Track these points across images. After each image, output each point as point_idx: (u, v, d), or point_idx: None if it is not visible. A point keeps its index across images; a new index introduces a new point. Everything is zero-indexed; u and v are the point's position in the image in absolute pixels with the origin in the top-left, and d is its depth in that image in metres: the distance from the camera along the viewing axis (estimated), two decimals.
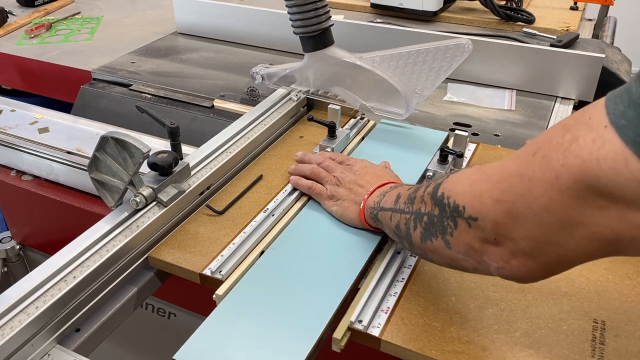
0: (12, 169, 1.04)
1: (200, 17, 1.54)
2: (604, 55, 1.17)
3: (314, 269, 0.71)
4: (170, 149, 0.81)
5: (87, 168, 0.77)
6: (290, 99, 1.07)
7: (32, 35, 1.57)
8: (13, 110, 1.13)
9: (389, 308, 0.65)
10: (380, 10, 1.71)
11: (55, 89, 1.44)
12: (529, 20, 1.57)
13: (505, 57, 1.23)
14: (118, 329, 0.72)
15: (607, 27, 1.67)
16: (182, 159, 0.82)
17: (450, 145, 0.91)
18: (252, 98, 1.18)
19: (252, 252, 0.74)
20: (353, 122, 1.04)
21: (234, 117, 1.05)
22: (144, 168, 0.76)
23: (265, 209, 0.82)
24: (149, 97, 1.25)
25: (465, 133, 0.90)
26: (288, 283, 0.69)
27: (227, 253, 0.73)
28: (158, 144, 0.98)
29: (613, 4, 1.72)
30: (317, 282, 0.69)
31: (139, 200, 0.75)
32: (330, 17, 1.00)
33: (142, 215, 0.75)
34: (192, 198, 0.82)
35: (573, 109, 1.19)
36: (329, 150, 0.92)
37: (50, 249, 0.78)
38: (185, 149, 0.87)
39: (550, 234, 0.46)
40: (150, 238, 0.75)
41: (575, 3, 1.71)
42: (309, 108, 1.12)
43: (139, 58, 1.43)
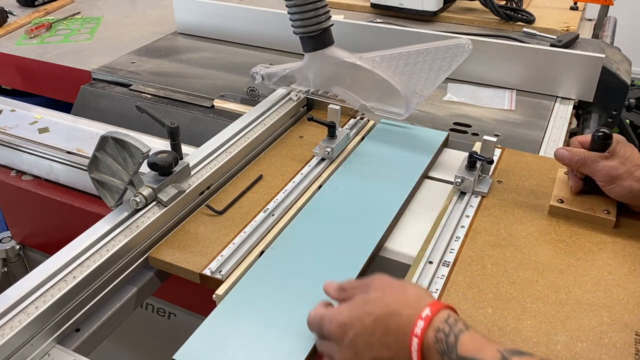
0: (12, 169, 1.04)
1: (200, 17, 1.55)
2: (604, 55, 1.17)
3: (314, 269, 0.71)
4: (170, 149, 0.81)
5: (87, 168, 0.77)
6: (290, 99, 1.07)
7: (32, 35, 1.57)
8: (13, 110, 1.13)
9: None
10: (380, 10, 1.71)
11: (55, 89, 1.44)
12: (529, 20, 1.57)
13: (505, 57, 1.23)
14: (118, 329, 0.72)
15: (607, 27, 1.67)
16: (182, 159, 0.82)
17: (478, 151, 0.87)
18: (252, 98, 1.18)
19: (252, 252, 0.74)
20: (353, 122, 1.04)
21: (234, 117, 1.05)
22: (144, 168, 0.76)
23: (265, 209, 0.82)
24: (149, 97, 1.25)
25: (494, 139, 0.86)
26: (288, 283, 0.69)
27: (227, 253, 0.73)
28: (158, 144, 0.98)
29: (613, 4, 1.72)
30: (316, 282, 0.68)
31: (139, 200, 0.75)
32: (330, 17, 1.00)
33: (142, 215, 0.75)
34: (192, 198, 0.82)
35: (573, 109, 1.19)
36: (329, 150, 0.92)
37: (50, 249, 0.78)
38: (185, 149, 0.87)
39: None
40: (150, 238, 0.75)
41: (575, 3, 1.71)
42: (309, 108, 1.12)
43: (139, 58, 1.43)
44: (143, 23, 1.70)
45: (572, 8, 1.70)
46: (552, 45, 1.30)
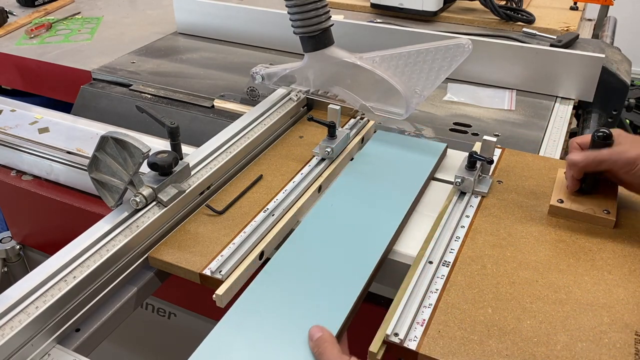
0: (12, 169, 1.04)
1: (200, 17, 1.55)
2: (604, 55, 1.17)
3: (322, 275, 0.70)
4: (170, 149, 0.81)
5: (87, 168, 0.77)
6: (290, 99, 1.07)
7: (32, 35, 1.57)
8: (13, 110, 1.13)
9: (425, 320, 0.64)
10: (380, 10, 1.71)
11: (55, 89, 1.44)
12: (529, 20, 1.57)
13: (505, 57, 1.23)
14: (118, 329, 0.72)
15: (607, 27, 1.67)
16: (182, 159, 0.82)
17: (478, 151, 0.86)
18: (252, 98, 1.18)
19: (252, 252, 0.74)
20: (353, 122, 1.04)
21: (234, 117, 1.05)
22: (144, 168, 0.76)
23: (265, 209, 0.82)
24: (149, 97, 1.25)
25: (494, 139, 0.85)
26: (295, 291, 0.68)
27: (227, 253, 0.73)
28: (158, 144, 0.98)
29: (613, 4, 1.72)
30: (325, 289, 0.68)
31: (139, 200, 0.75)
32: (330, 17, 1.00)
33: (142, 215, 0.75)
34: (192, 198, 0.82)
35: (573, 109, 1.19)
36: (329, 150, 0.92)
37: (50, 249, 0.79)
38: (185, 149, 0.87)
39: None
40: (150, 238, 0.75)
41: (575, 3, 1.71)
42: (309, 108, 1.12)
43: (139, 58, 1.43)
44: (143, 23, 1.70)
45: (572, 8, 1.70)
46: (552, 45, 1.30)
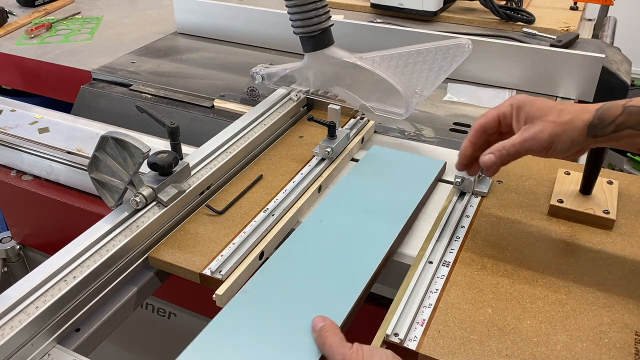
0: (12, 169, 1.04)
1: (200, 17, 1.55)
2: (604, 55, 1.17)
3: (321, 276, 0.70)
4: (170, 149, 0.81)
5: (87, 168, 0.77)
6: (290, 99, 1.07)
7: (32, 35, 1.57)
8: (13, 110, 1.13)
9: (425, 320, 0.64)
10: (380, 10, 1.71)
11: (55, 89, 1.44)
12: (529, 20, 1.57)
13: (505, 57, 1.23)
14: (118, 329, 0.72)
15: (607, 27, 1.67)
16: (182, 159, 0.83)
17: None
18: (252, 98, 1.18)
19: (252, 252, 0.74)
20: (353, 122, 1.04)
21: (234, 117, 1.05)
22: (144, 168, 0.76)
23: (265, 209, 0.82)
24: (149, 97, 1.25)
25: None
26: (294, 290, 0.67)
27: (227, 253, 0.73)
28: (158, 144, 0.98)
29: (613, 4, 1.72)
30: (323, 290, 0.67)
31: (139, 200, 0.75)
32: (330, 17, 1.00)
33: (142, 215, 0.75)
34: (192, 198, 0.82)
35: None
36: (329, 150, 0.92)
37: (50, 249, 0.78)
38: (185, 149, 0.87)
39: None
40: (150, 238, 0.75)
41: (575, 3, 1.71)
42: (309, 108, 1.12)
43: (139, 58, 1.43)
44: (143, 23, 1.70)
45: (572, 8, 1.70)
46: (552, 46, 1.30)
